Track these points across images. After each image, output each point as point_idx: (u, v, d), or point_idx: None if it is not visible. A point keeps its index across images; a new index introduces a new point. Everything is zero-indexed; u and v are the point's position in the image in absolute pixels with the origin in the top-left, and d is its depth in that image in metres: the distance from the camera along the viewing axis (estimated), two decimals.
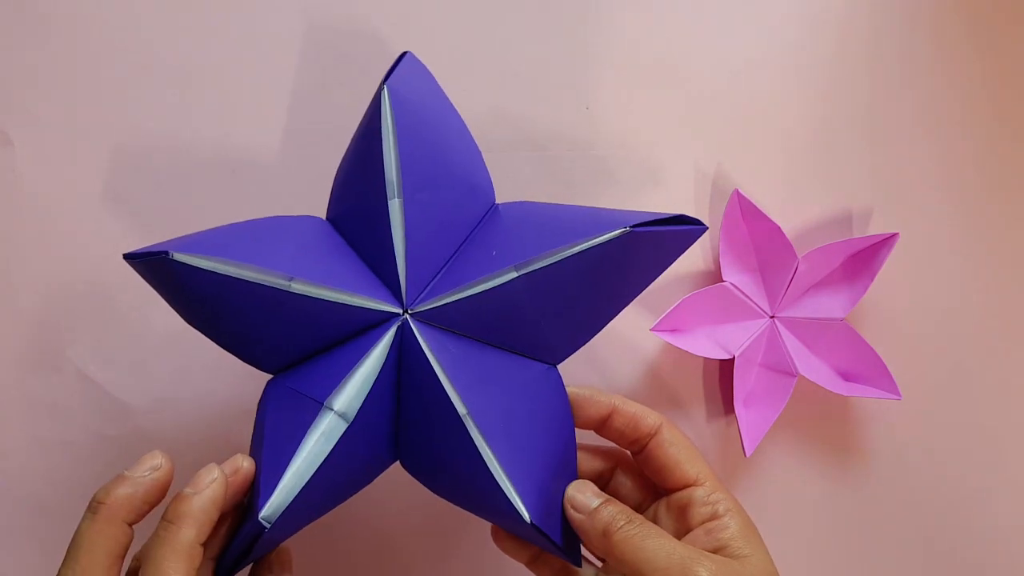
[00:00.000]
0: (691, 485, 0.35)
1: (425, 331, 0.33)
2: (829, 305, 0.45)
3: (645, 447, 0.36)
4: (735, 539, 0.32)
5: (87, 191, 0.43)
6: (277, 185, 0.44)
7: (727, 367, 0.45)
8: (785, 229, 0.43)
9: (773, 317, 0.45)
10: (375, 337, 0.32)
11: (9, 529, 0.43)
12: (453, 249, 0.35)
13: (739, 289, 0.44)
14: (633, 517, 0.32)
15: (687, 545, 0.31)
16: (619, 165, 0.45)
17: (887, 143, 0.46)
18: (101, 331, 0.43)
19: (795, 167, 0.46)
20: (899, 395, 0.43)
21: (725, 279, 0.44)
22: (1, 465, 0.43)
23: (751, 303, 0.44)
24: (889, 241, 0.43)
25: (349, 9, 0.44)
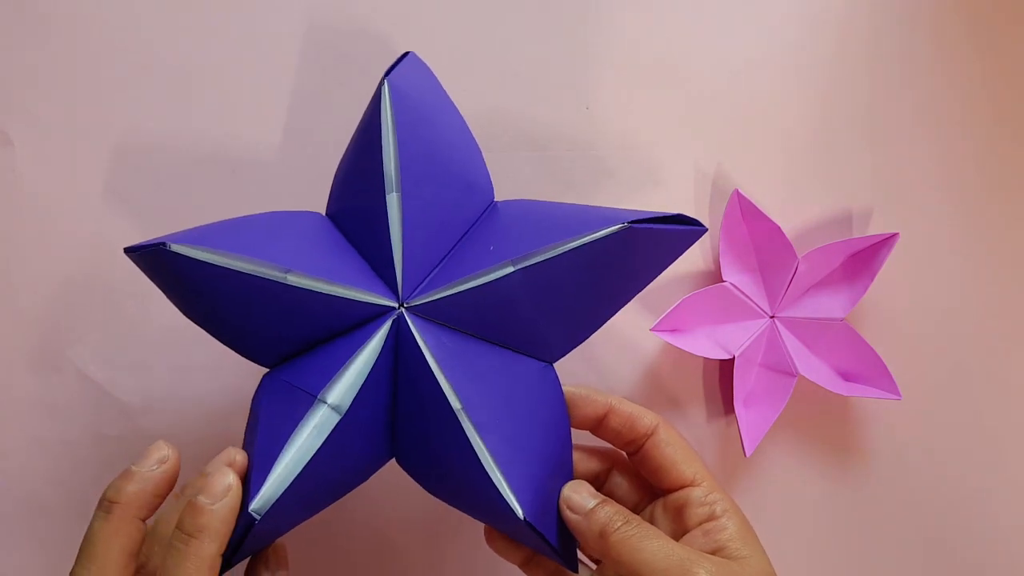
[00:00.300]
0: (688, 485, 0.34)
1: (421, 325, 0.32)
2: (829, 305, 0.45)
3: (642, 447, 0.35)
4: (733, 540, 0.32)
5: (87, 191, 0.43)
6: (278, 184, 0.44)
7: (727, 367, 0.45)
8: (785, 229, 0.43)
9: (773, 317, 0.45)
10: (370, 331, 0.32)
11: (9, 529, 0.43)
12: (450, 245, 0.34)
13: (739, 289, 0.44)
14: (630, 518, 0.32)
15: (685, 546, 0.31)
16: (619, 165, 0.45)
17: (887, 143, 0.46)
18: (101, 331, 0.43)
19: (795, 167, 0.46)
20: (899, 395, 0.43)
21: (725, 279, 0.44)
22: (1, 465, 0.43)
23: (751, 303, 0.44)
24: (889, 241, 0.43)
25: (350, 9, 0.44)
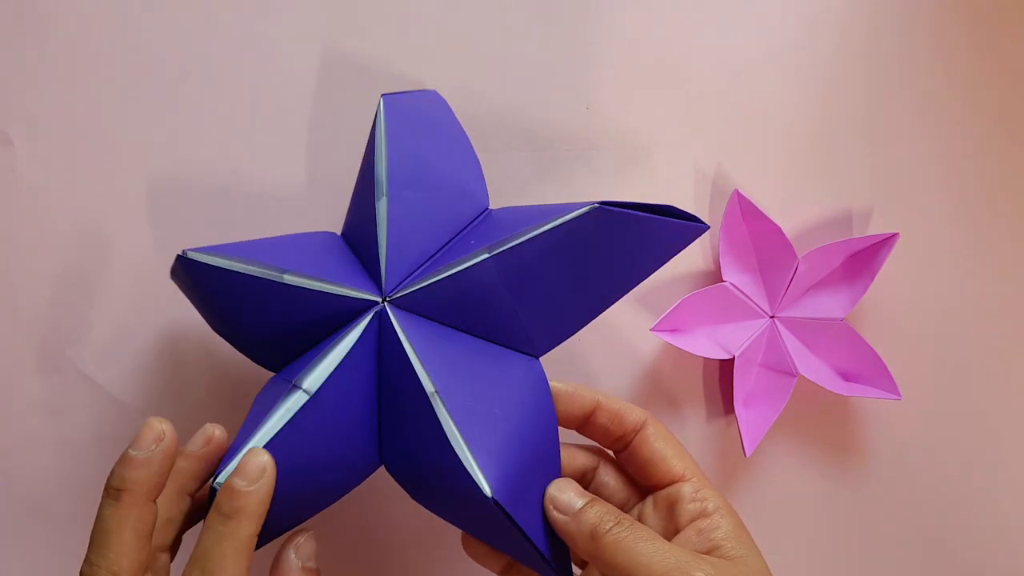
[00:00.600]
0: (678, 481, 0.33)
1: (402, 317, 0.33)
2: (829, 305, 0.45)
3: (630, 444, 0.34)
4: (728, 539, 0.31)
5: (87, 191, 0.43)
6: (274, 184, 0.44)
7: (727, 367, 0.45)
8: (785, 229, 0.43)
9: (773, 317, 0.45)
10: (354, 324, 0.33)
11: (9, 529, 0.43)
12: (438, 247, 0.35)
13: (739, 289, 0.44)
14: (622, 518, 0.31)
15: (681, 548, 0.30)
16: (619, 165, 0.45)
17: (887, 143, 0.46)
18: (101, 331, 0.43)
19: (795, 167, 0.46)
20: (899, 395, 0.43)
21: (725, 279, 0.44)
22: (1, 465, 0.43)
23: (751, 303, 0.44)
24: (889, 241, 0.43)
25: (348, 8, 0.44)
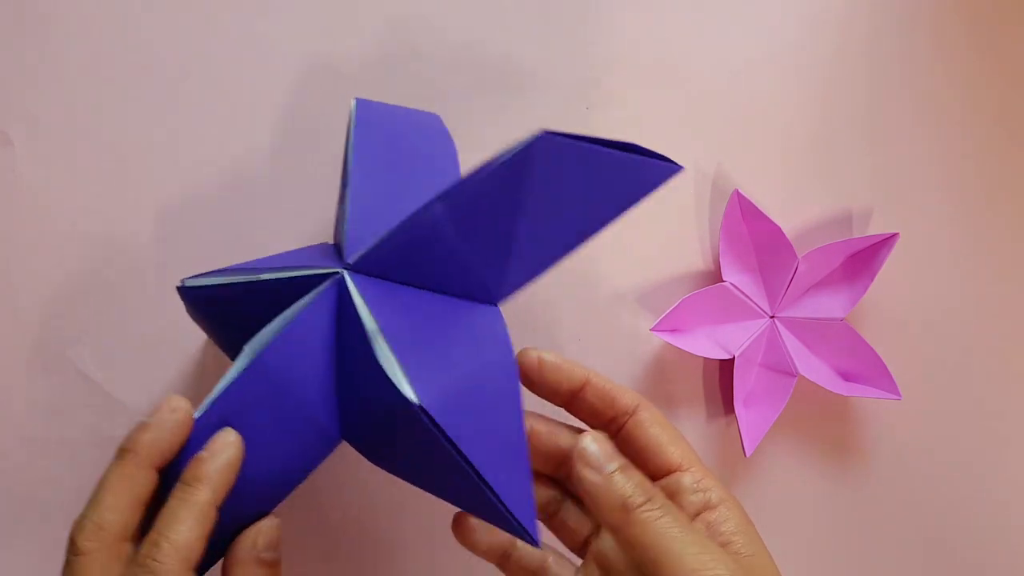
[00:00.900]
0: (676, 471, 0.31)
1: (360, 281, 0.32)
2: (829, 305, 0.45)
3: (622, 427, 0.32)
4: (737, 534, 0.30)
5: (87, 191, 0.43)
6: (277, 183, 0.44)
7: (727, 367, 0.45)
8: (785, 229, 0.43)
9: (773, 317, 0.45)
10: (310, 292, 0.32)
11: (8, 529, 0.43)
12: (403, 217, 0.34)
13: (739, 289, 0.44)
14: (655, 495, 0.28)
15: (712, 541, 0.28)
16: None
17: (887, 143, 0.46)
18: (101, 331, 0.43)
19: (795, 167, 0.46)
20: (899, 395, 0.43)
21: (725, 279, 0.44)
22: (1, 465, 0.43)
23: (751, 303, 0.44)
24: (889, 241, 0.43)
25: (349, 8, 0.44)
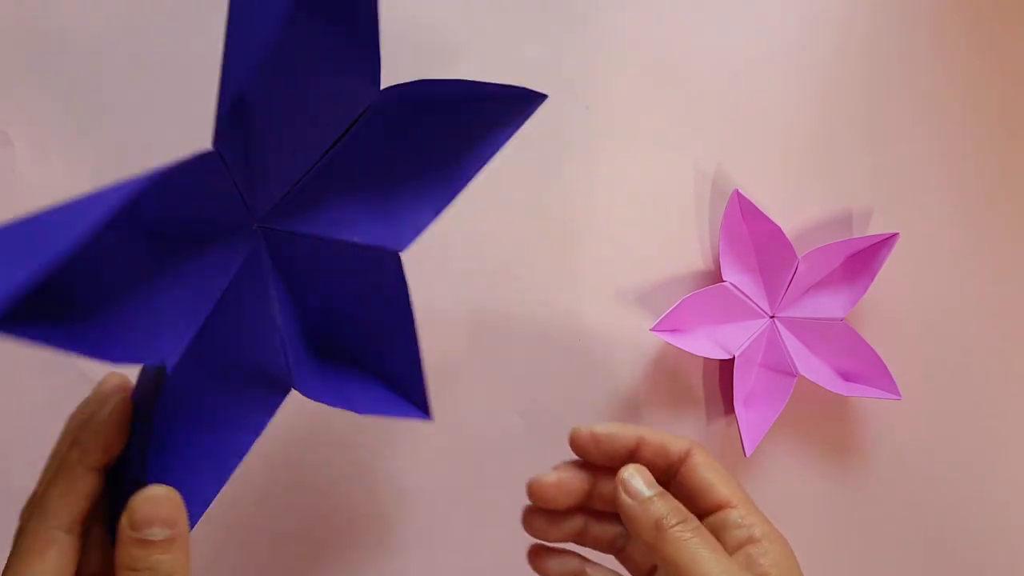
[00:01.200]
0: (724, 507, 0.34)
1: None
2: (829, 305, 0.45)
3: (677, 473, 0.35)
4: (775, 567, 0.31)
5: (87, 191, 0.43)
6: None
7: (727, 367, 0.45)
8: (785, 229, 0.43)
9: (773, 317, 0.45)
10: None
11: (9, 529, 0.43)
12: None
13: (739, 289, 0.44)
14: (688, 518, 0.32)
15: (738, 566, 0.31)
16: (619, 165, 0.45)
17: (887, 143, 0.46)
18: None
19: (795, 167, 0.46)
20: (899, 395, 0.43)
21: (725, 279, 0.44)
22: (1, 465, 0.43)
23: (751, 303, 0.44)
24: (889, 241, 0.43)
25: None
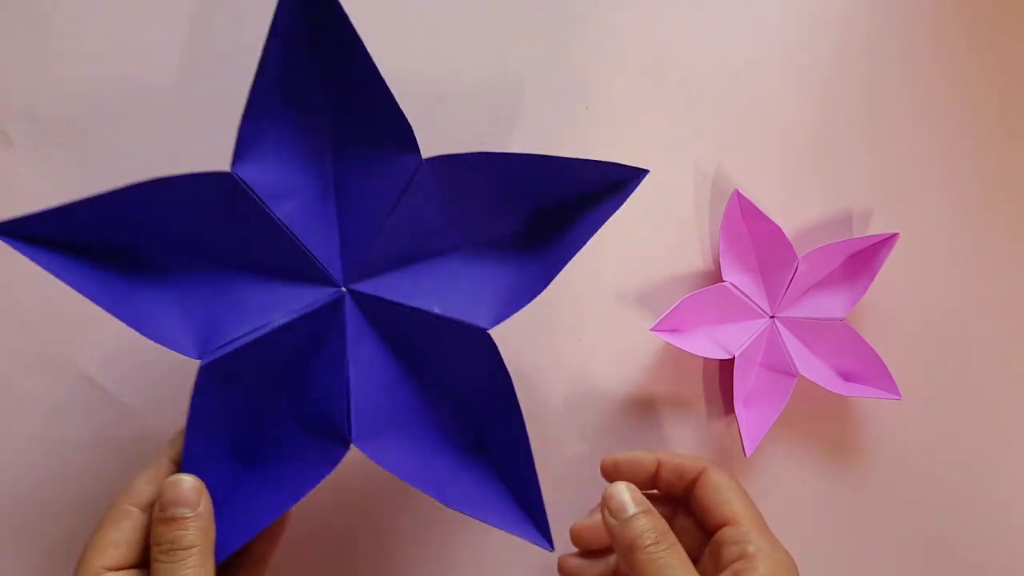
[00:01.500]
0: (728, 524, 0.34)
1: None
2: (829, 305, 0.45)
3: (692, 491, 0.36)
4: None
5: (86, 191, 0.43)
6: None
7: (727, 367, 0.45)
8: (785, 229, 0.43)
9: (773, 317, 0.45)
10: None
11: (9, 529, 0.43)
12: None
13: (739, 289, 0.44)
14: (662, 538, 0.32)
15: None
16: None
17: (887, 143, 0.46)
18: (101, 331, 0.43)
19: (795, 167, 0.46)
20: (899, 395, 0.43)
21: (725, 279, 0.44)
22: (1, 465, 0.43)
23: (751, 303, 0.44)
24: (889, 241, 0.43)
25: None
